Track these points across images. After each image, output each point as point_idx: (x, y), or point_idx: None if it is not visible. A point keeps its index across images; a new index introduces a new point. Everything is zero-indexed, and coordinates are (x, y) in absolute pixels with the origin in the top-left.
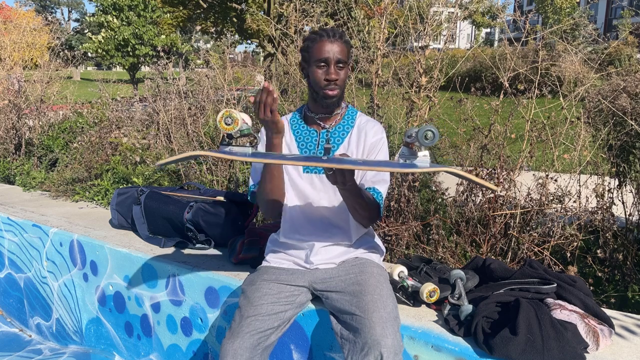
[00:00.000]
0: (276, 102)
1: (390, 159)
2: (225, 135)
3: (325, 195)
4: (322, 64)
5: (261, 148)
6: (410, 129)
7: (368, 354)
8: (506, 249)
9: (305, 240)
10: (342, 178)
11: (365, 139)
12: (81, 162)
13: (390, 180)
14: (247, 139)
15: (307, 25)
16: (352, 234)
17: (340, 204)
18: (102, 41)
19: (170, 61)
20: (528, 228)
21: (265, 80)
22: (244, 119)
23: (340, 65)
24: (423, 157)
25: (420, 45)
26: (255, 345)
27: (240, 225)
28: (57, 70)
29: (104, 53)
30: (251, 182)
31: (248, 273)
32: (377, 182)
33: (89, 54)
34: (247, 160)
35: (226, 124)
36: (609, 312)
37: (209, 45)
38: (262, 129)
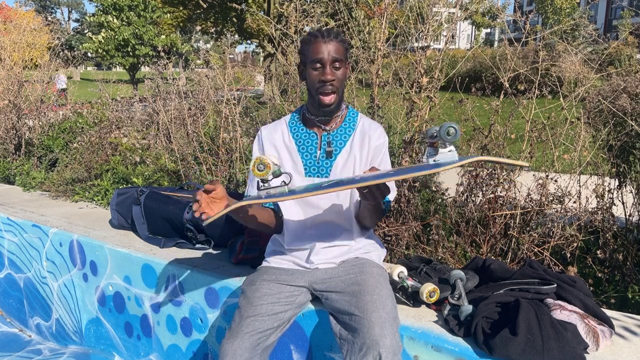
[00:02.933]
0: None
1: (390, 158)
2: (260, 180)
3: (327, 197)
4: (318, 64)
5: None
6: (429, 129)
7: (367, 354)
8: (506, 249)
9: (308, 242)
10: (379, 194)
11: (369, 142)
12: (81, 162)
13: None
14: (280, 178)
15: (307, 25)
16: (355, 234)
17: (342, 205)
18: (102, 41)
19: (170, 61)
20: (528, 228)
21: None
22: (273, 161)
23: (337, 64)
24: (449, 152)
25: (421, 45)
26: (255, 345)
27: (240, 226)
28: (57, 70)
29: (104, 53)
30: (249, 194)
31: (248, 273)
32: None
33: (89, 54)
34: (288, 199)
35: (259, 170)
36: (609, 312)
37: (209, 46)
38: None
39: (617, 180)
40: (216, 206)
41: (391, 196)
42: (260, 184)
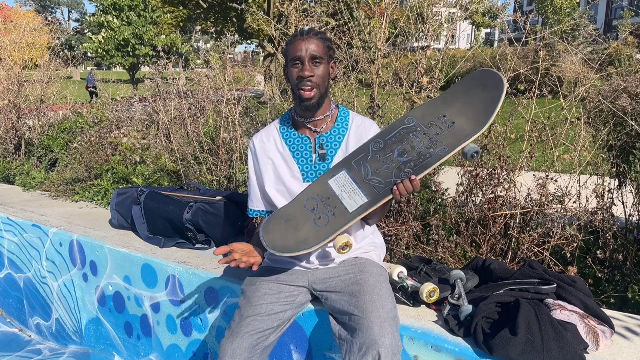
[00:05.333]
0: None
1: None
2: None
3: None
4: (297, 62)
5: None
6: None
7: (366, 354)
8: (506, 249)
9: None
10: (411, 191)
11: (365, 140)
12: (81, 162)
13: None
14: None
15: (307, 25)
16: (357, 235)
17: None
18: (103, 41)
19: (170, 61)
20: (528, 228)
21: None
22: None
23: (317, 61)
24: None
25: (421, 45)
26: (254, 345)
27: (240, 226)
28: (57, 70)
29: (104, 53)
30: (254, 207)
31: (248, 273)
32: None
33: (89, 54)
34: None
35: (343, 250)
36: (609, 312)
37: (209, 46)
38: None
39: (617, 180)
40: (253, 254)
41: None
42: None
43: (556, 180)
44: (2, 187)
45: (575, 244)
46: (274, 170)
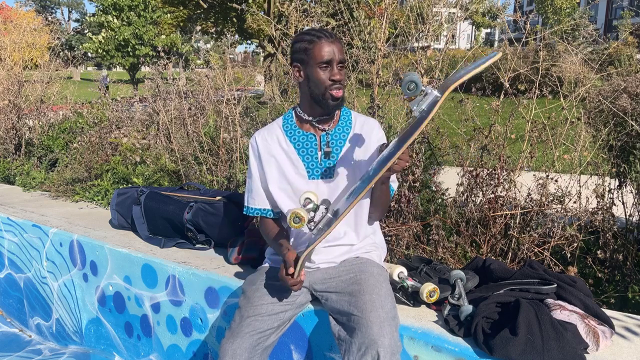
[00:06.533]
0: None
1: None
2: (307, 225)
3: (332, 199)
4: (325, 65)
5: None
6: (403, 88)
7: (365, 354)
8: (506, 249)
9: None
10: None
11: (370, 137)
12: (81, 162)
13: None
14: (319, 209)
15: (307, 25)
16: (359, 234)
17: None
18: (103, 41)
19: (170, 61)
20: (528, 228)
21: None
22: (307, 203)
23: (342, 65)
24: (427, 95)
25: (421, 45)
26: (255, 345)
27: (240, 226)
28: (57, 70)
29: (104, 53)
30: (256, 205)
31: (248, 273)
32: (393, 181)
33: (89, 54)
34: (338, 223)
35: (295, 223)
36: (609, 312)
37: (209, 46)
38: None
39: (617, 180)
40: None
41: (395, 185)
42: (309, 226)
43: (556, 180)
44: (2, 187)
45: (575, 244)
46: (277, 168)
